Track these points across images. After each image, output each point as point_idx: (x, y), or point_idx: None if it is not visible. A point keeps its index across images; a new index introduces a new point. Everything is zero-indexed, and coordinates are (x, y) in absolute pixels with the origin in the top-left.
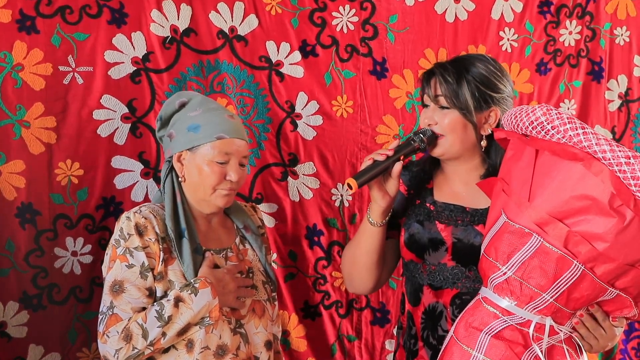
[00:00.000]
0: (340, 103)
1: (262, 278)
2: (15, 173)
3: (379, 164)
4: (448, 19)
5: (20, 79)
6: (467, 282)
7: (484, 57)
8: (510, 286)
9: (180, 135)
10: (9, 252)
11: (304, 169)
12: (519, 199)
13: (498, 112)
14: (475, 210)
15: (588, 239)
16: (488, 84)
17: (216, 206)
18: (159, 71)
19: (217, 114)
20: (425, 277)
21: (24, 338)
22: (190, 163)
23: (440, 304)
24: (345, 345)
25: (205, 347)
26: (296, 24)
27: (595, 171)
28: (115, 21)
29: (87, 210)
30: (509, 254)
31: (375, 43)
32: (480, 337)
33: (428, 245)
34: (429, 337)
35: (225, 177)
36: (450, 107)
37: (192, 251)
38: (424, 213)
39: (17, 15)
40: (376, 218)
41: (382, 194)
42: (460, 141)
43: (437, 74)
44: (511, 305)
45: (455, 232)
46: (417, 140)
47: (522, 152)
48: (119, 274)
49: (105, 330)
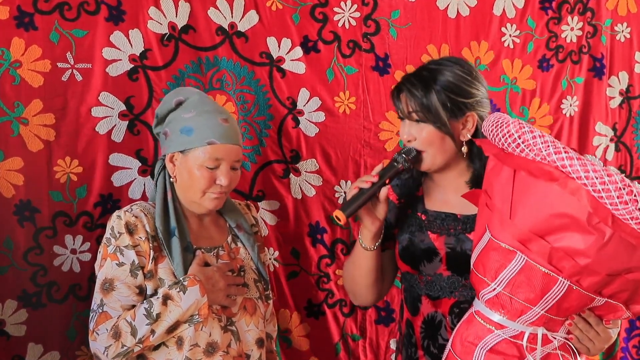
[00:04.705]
0: (342, 99)
1: (254, 276)
2: (14, 170)
3: (365, 191)
4: (450, 14)
5: (18, 76)
6: (464, 290)
7: (450, 63)
8: (501, 301)
9: (174, 135)
10: (7, 250)
11: (306, 165)
12: (501, 216)
13: (475, 116)
14: (466, 217)
15: (571, 255)
16: (459, 92)
17: (206, 208)
18: (157, 68)
19: (211, 117)
20: (423, 288)
21: (22, 336)
22: (182, 165)
23: (439, 313)
24: (350, 344)
25: (194, 345)
26: (297, 19)
27: (570, 190)
28: (112, 18)
29: (86, 207)
30: (497, 270)
31: (377, 39)
32: (475, 352)
33: (422, 256)
34: (429, 346)
35: (216, 181)
36: (424, 121)
37: (182, 249)
38: (416, 224)
39: (15, 11)
40: (368, 243)
41: (372, 220)
42: (440, 153)
43: (404, 90)
44: (503, 319)
45: (448, 241)
46: (400, 161)
47: (502, 165)
48: (109, 272)
49: (95, 328)
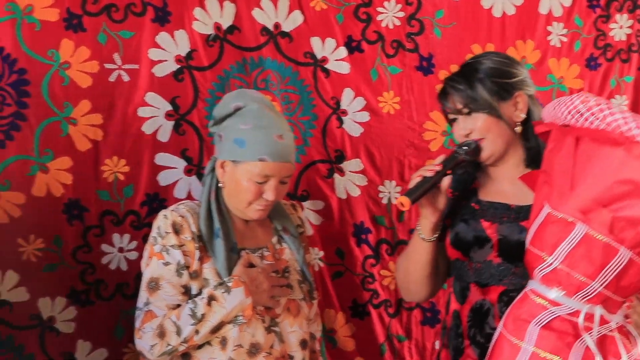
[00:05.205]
0: (386, 99)
1: (298, 277)
2: (63, 170)
3: (428, 179)
4: (495, 13)
5: (67, 77)
6: (514, 278)
7: (487, 53)
8: (558, 276)
9: (228, 143)
10: (57, 248)
11: (351, 165)
12: (561, 189)
13: (523, 95)
14: (520, 207)
15: (634, 225)
16: (501, 74)
17: (250, 217)
18: (202, 69)
19: (266, 133)
20: (472, 275)
21: (71, 333)
22: (231, 173)
23: (487, 301)
24: (395, 345)
25: (238, 345)
26: (341, 19)
27: (636, 155)
28: (158, 19)
29: (133, 206)
30: (554, 244)
31: (421, 38)
32: (529, 328)
33: (473, 242)
34: (476, 335)
35: (262, 195)
36: (476, 112)
37: (227, 250)
38: (469, 212)
39: (65, 13)
40: (427, 234)
41: (432, 210)
42: (499, 137)
43: (448, 89)
44: (559, 296)
45: (500, 229)
46: (461, 152)
47: (562, 142)
48: (155, 271)
49: (141, 327)
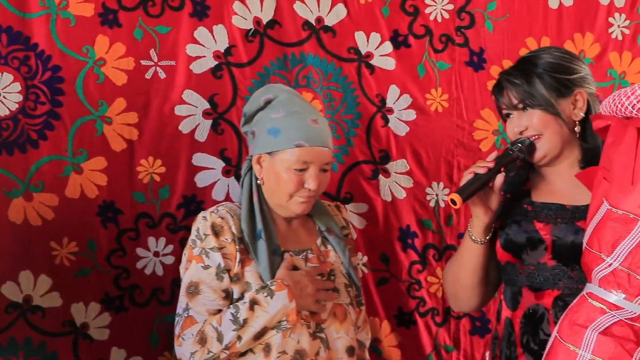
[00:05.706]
0: (434, 97)
1: (345, 281)
2: (97, 170)
3: (480, 177)
4: (551, 5)
5: (102, 74)
6: (570, 282)
7: (546, 47)
8: (617, 278)
9: (261, 136)
10: (90, 252)
11: (396, 166)
12: (621, 184)
13: (583, 93)
14: (575, 207)
15: None
16: (560, 69)
17: (293, 212)
18: (241, 65)
19: (300, 118)
20: (524, 279)
21: (105, 340)
22: (269, 167)
23: (541, 306)
24: (443, 355)
25: (282, 352)
26: (387, 13)
27: None
28: (197, 14)
29: (169, 209)
30: (614, 243)
31: (471, 32)
32: (586, 334)
33: (525, 244)
34: (529, 343)
35: (304, 184)
36: (532, 108)
37: (269, 252)
38: (521, 213)
39: (100, 8)
40: (479, 235)
41: (485, 209)
42: (556, 134)
43: (504, 83)
44: (620, 299)
45: (554, 230)
46: (515, 149)
47: (623, 135)
48: (194, 275)
49: (181, 333)
